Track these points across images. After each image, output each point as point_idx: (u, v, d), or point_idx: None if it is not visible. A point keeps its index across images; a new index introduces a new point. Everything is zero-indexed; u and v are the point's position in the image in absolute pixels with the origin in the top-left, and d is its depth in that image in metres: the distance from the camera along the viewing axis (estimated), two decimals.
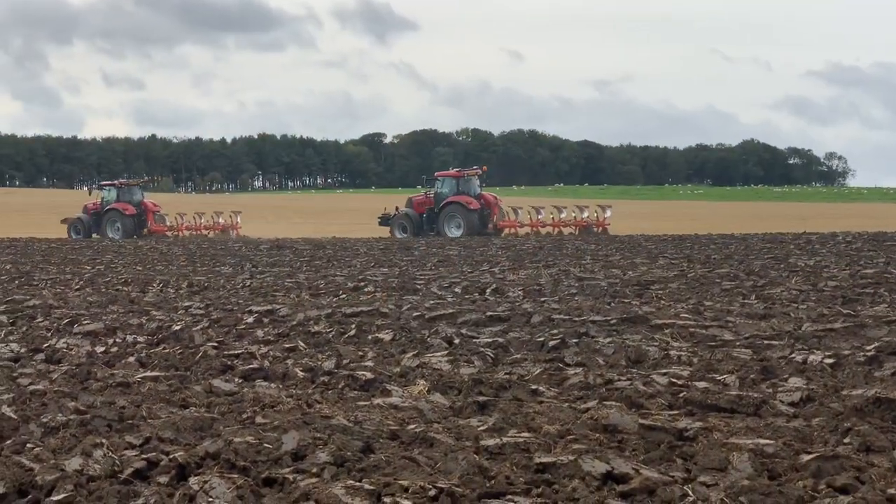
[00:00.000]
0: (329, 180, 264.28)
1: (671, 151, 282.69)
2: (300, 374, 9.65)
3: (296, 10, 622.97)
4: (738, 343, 11.01)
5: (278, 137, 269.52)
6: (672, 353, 10.30)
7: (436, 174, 53.69)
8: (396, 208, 51.74)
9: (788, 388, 8.32)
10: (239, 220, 57.19)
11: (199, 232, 56.24)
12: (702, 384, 8.42)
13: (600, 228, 49.03)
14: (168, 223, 56.95)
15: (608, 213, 50.26)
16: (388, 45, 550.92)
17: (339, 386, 9.07)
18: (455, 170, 51.83)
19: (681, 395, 8.05)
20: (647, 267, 24.03)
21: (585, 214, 50.50)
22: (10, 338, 12.57)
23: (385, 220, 51.73)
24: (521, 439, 6.55)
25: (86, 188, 60.24)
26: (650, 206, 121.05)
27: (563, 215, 50.81)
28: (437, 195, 50.37)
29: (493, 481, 5.74)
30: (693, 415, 7.51)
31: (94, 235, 55.45)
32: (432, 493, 5.42)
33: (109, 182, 61.54)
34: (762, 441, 6.43)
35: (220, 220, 57.22)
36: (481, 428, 7.02)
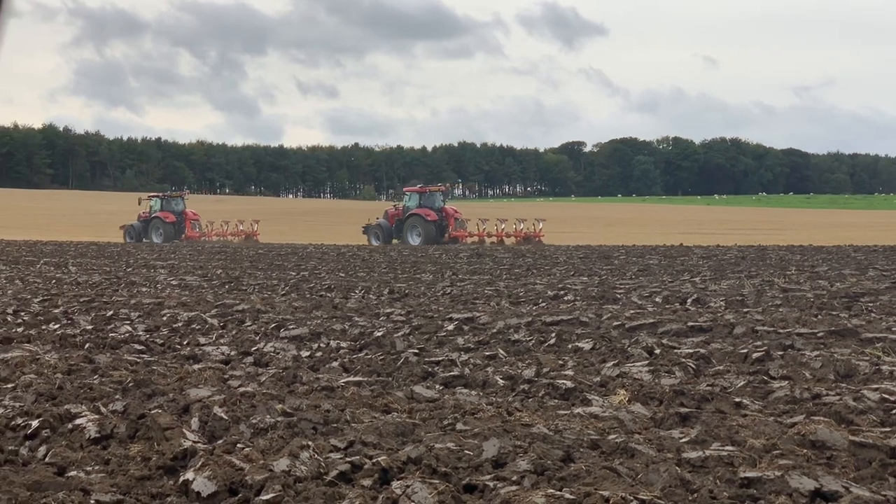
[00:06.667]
0: (528, 189, 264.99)
1: (882, 159, 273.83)
2: (500, 381, 9.69)
3: (482, 17, 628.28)
4: None
5: (478, 146, 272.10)
6: (884, 368, 9.93)
7: (404, 189, 61.42)
8: (377, 218, 58.24)
9: None
10: (257, 227, 64.42)
11: (224, 237, 63.77)
12: None
13: (537, 239, 54.99)
14: (198, 230, 63.90)
15: (541, 226, 56.51)
16: (577, 50, 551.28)
17: (540, 394, 9.08)
18: (419, 185, 59.41)
19: (893, 411, 7.76)
20: (856, 278, 23.25)
21: (522, 226, 56.94)
22: (221, 341, 13.02)
23: (366, 229, 58.30)
24: (724, 453, 6.42)
25: (157, 196, 67.27)
26: (859, 216, 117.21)
27: (503, 227, 57.34)
28: (404, 208, 57.19)
29: (695, 495, 5.64)
30: None
31: (144, 240, 61.60)
32: None
33: (156, 194, 68.37)
34: None
35: (241, 228, 64.96)
36: (683, 440, 6.92)
